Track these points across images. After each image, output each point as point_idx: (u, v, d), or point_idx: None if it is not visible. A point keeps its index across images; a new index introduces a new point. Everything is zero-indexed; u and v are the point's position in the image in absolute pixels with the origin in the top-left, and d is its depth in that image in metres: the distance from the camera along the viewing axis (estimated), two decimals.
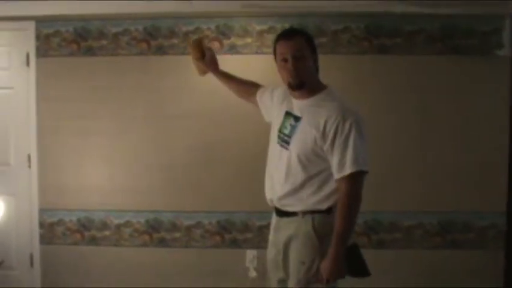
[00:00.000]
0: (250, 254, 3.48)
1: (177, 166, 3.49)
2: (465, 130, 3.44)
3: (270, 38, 3.42)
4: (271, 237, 2.41)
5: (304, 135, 2.13)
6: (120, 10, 3.39)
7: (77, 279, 3.56)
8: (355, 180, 2.04)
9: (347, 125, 2.03)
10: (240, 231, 3.51)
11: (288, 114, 2.25)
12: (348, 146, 2.02)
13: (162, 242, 3.53)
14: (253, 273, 3.47)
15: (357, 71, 3.43)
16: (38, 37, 3.52)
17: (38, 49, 3.52)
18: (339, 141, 2.04)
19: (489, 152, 3.43)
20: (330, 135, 2.05)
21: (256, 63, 3.45)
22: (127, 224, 3.55)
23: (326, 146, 2.07)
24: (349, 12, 3.37)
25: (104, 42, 3.51)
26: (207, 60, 2.66)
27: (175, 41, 3.48)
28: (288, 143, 2.21)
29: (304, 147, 2.13)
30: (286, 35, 2.25)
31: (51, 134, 3.54)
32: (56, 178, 3.55)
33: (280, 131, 2.27)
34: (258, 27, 3.45)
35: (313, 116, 2.12)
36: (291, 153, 2.18)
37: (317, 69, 2.28)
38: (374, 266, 3.43)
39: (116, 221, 3.55)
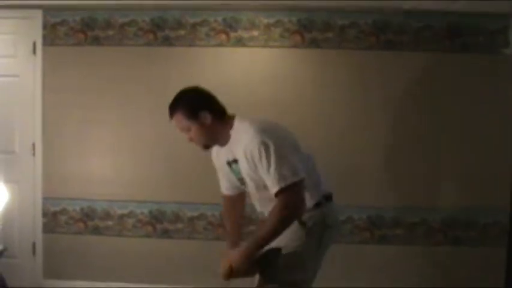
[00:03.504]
0: None
1: (182, 157, 3.49)
2: (470, 127, 3.45)
3: (277, 31, 3.44)
4: None
5: (248, 170, 2.16)
6: (127, 0, 3.40)
7: (79, 268, 3.56)
8: (285, 194, 2.03)
9: (257, 151, 2.05)
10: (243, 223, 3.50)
11: (228, 163, 2.27)
12: (269, 168, 2.04)
13: (165, 233, 3.54)
14: None
15: (363, 67, 3.43)
16: (45, 26, 3.52)
17: (44, 38, 3.53)
18: (261, 167, 2.07)
19: (493, 149, 3.44)
20: (255, 164, 2.09)
21: (262, 56, 3.46)
22: (130, 214, 3.55)
23: (259, 170, 2.10)
24: (357, 8, 3.38)
25: (111, 32, 3.51)
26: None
27: (182, 32, 3.48)
28: (244, 182, 2.26)
29: (256, 178, 2.16)
30: (169, 113, 2.22)
31: (56, 122, 3.55)
32: (60, 167, 3.56)
33: (237, 178, 2.29)
34: (265, 21, 3.45)
35: (239, 153, 2.16)
36: (254, 188, 2.23)
37: (217, 116, 2.20)
38: (376, 261, 3.49)
39: (119, 211, 3.55)
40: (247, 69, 3.47)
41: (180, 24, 3.48)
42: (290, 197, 2.03)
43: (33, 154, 3.58)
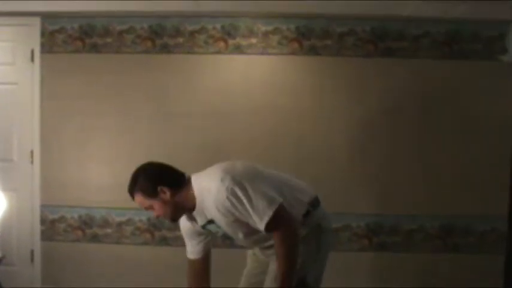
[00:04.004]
0: None
1: (180, 164, 3.47)
2: (468, 134, 3.45)
3: (276, 39, 3.44)
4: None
5: (228, 222, 2.13)
6: (126, 8, 3.40)
7: (77, 276, 3.55)
8: (274, 227, 2.02)
9: (228, 202, 2.03)
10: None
11: (203, 227, 2.25)
12: (246, 211, 2.03)
13: (164, 241, 3.54)
14: None
15: (361, 74, 3.44)
16: (43, 33, 3.52)
17: (43, 45, 3.52)
18: (238, 214, 2.06)
19: (491, 156, 3.44)
20: (232, 213, 2.07)
21: (261, 63, 3.46)
22: (128, 222, 3.55)
23: (239, 217, 2.08)
24: (355, 15, 3.38)
25: (109, 39, 3.51)
26: None
27: (180, 40, 3.48)
28: (230, 237, 2.31)
29: (239, 225, 2.14)
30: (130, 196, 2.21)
31: (54, 130, 3.54)
32: (58, 174, 3.55)
33: (219, 236, 2.40)
34: (264, 28, 3.45)
35: (212, 212, 2.12)
36: (243, 236, 2.21)
37: (176, 187, 2.15)
38: (374, 268, 3.50)
39: (118, 219, 3.55)
40: (246, 77, 3.47)
41: (178, 31, 3.48)
42: (279, 227, 2.02)
43: (32, 162, 3.57)
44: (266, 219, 2.00)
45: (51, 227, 3.59)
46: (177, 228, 3.47)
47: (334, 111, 3.45)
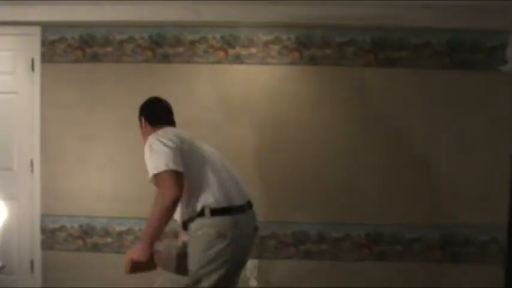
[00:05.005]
0: (251, 263, 3.48)
1: None
2: (468, 144, 3.45)
3: (276, 48, 3.45)
4: None
5: None
6: (126, 17, 3.42)
7: (77, 285, 3.55)
8: (158, 182, 2.27)
9: (146, 151, 2.37)
10: None
11: None
12: (148, 160, 2.34)
13: None
14: (254, 283, 3.48)
15: (361, 84, 3.44)
16: (43, 43, 3.53)
17: (43, 55, 3.53)
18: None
19: (492, 166, 3.44)
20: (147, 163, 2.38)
21: (261, 73, 3.46)
22: (129, 231, 3.55)
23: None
24: (355, 25, 3.38)
25: (109, 49, 3.52)
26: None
27: (180, 49, 3.49)
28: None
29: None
30: None
31: (54, 139, 3.55)
32: (58, 184, 3.55)
33: None
34: (264, 38, 3.46)
35: None
36: None
37: (152, 124, 2.64)
38: (374, 278, 3.49)
39: (118, 228, 3.55)
40: (246, 86, 3.47)
41: (178, 41, 3.48)
42: (162, 184, 2.23)
43: (32, 171, 3.57)
44: (154, 171, 2.26)
45: (52, 236, 3.59)
46: (177, 238, 3.50)
47: (334, 120, 3.45)
